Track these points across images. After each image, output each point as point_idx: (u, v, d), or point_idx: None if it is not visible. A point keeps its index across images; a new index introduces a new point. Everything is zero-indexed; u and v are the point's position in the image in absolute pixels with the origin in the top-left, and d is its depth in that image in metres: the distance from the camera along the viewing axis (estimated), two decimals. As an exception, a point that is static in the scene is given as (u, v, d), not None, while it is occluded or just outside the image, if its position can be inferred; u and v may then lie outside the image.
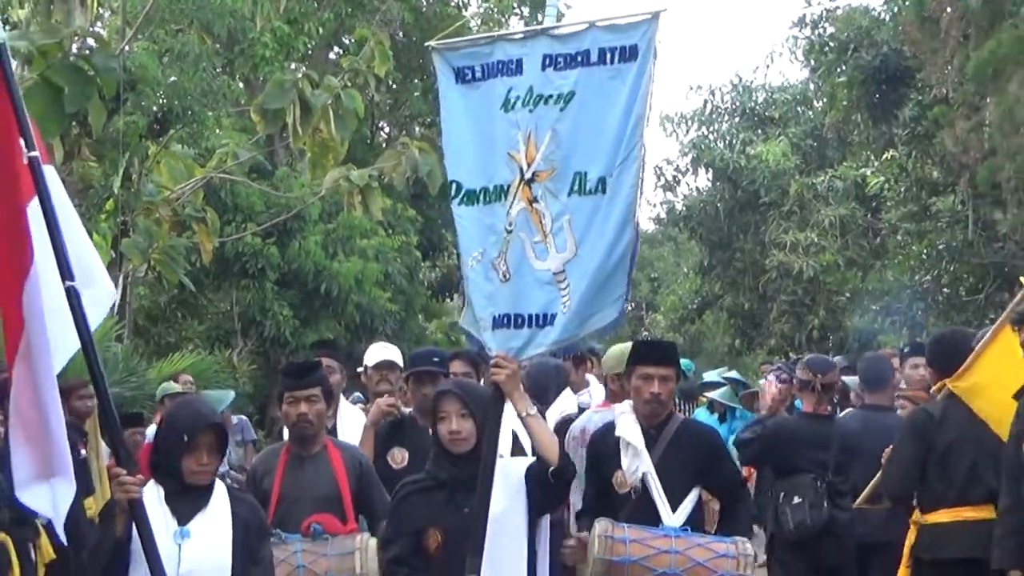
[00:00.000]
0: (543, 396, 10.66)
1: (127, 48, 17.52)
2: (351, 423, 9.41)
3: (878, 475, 9.49)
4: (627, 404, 7.84)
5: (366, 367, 10.30)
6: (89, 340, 6.16)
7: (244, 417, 18.08)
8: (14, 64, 15.03)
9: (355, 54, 20.06)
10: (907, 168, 30.36)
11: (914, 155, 29.67)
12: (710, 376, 18.55)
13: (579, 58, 6.73)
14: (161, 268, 20.61)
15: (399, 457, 8.86)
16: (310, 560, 7.13)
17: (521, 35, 7.31)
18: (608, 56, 6.66)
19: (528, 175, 6.74)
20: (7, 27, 16.31)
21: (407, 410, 9.27)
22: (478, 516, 6.39)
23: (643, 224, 47.32)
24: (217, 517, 6.30)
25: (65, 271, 6.13)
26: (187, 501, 6.27)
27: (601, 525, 7.16)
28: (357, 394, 14.50)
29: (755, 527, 10.97)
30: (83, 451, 11.88)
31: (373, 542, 7.15)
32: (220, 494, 6.38)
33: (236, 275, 24.95)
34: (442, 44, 7.27)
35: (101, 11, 18.48)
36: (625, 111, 6.62)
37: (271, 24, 21.46)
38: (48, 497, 6.46)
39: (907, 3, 28.68)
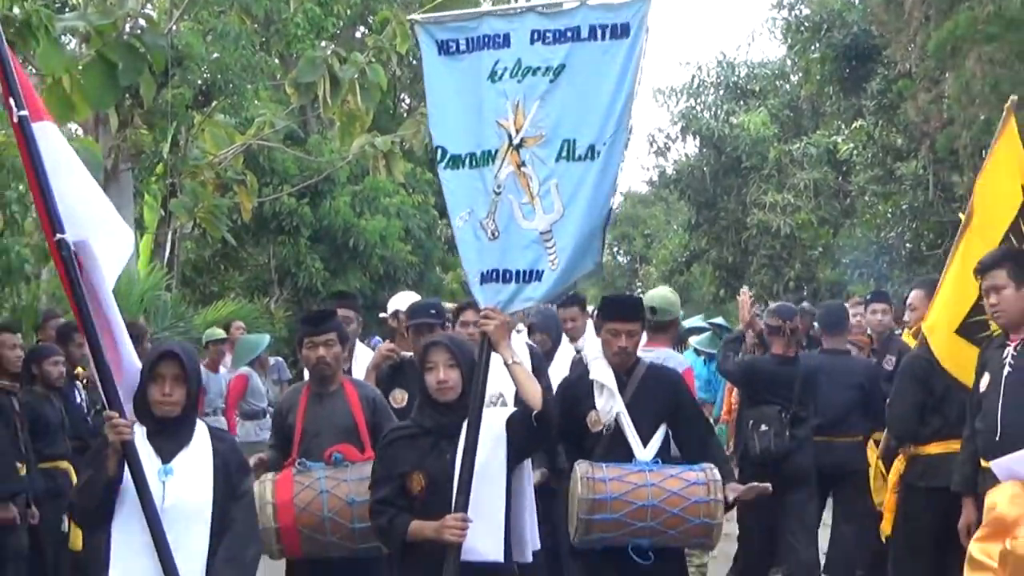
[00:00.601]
0: (558, 340, 10.78)
1: (174, 28, 17.49)
2: (365, 364, 9.41)
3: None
4: (598, 350, 7.78)
5: (396, 312, 10.40)
6: (79, 288, 5.90)
7: (280, 358, 18.14)
8: (73, 42, 15.06)
9: (379, 33, 19.96)
10: (874, 136, 30.33)
11: (880, 124, 29.63)
12: (693, 322, 18.54)
13: (569, 34, 6.41)
14: (206, 225, 20.68)
15: (399, 397, 8.88)
16: (332, 485, 7.18)
17: (509, 11, 6.77)
18: (599, 33, 6.36)
19: (516, 141, 6.45)
20: (67, 9, 16.29)
21: (407, 354, 9.16)
22: (466, 457, 6.13)
23: (637, 186, 47.74)
24: (198, 455, 6.06)
25: (56, 224, 5.86)
26: (169, 439, 6.02)
27: (582, 467, 7.10)
28: (377, 338, 14.54)
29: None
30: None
31: None
32: (201, 434, 6.15)
33: (273, 231, 25.00)
34: (425, 19, 6.87)
35: (151, -6, 18.50)
36: (617, 85, 6.34)
37: (303, 6, 21.38)
38: None
39: (875, -12, 28.56)
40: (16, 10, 11.05)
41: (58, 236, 5.82)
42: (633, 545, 7.06)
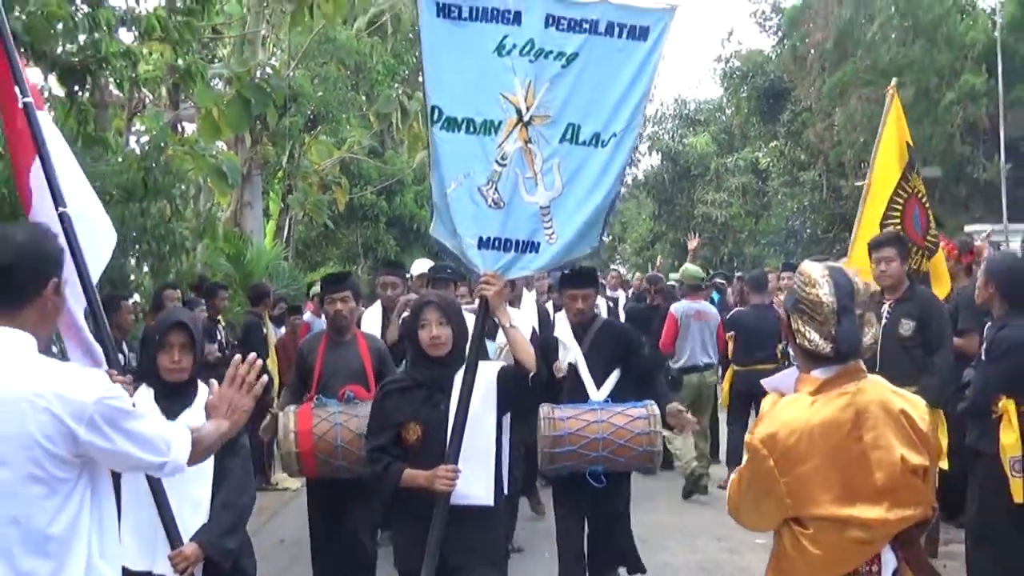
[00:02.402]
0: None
1: (291, 74, 17.45)
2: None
3: None
4: (563, 313, 6.90)
5: (419, 274, 10.26)
6: (81, 259, 4.72)
7: (363, 308, 18.14)
8: (220, 84, 15.07)
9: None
10: (785, 152, 30.31)
11: (789, 144, 29.61)
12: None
13: (585, 25, 5.10)
14: (312, 214, 20.72)
15: None
16: (345, 419, 6.34)
17: None
18: (617, 31, 5.11)
19: (526, 118, 5.12)
20: (216, 60, 16.29)
21: None
22: (460, 410, 4.94)
23: (616, 187, 47.43)
24: (200, 414, 4.57)
25: (58, 198, 4.73)
26: (173, 400, 4.79)
27: (544, 409, 6.20)
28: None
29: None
30: (264, 329, 11.92)
31: None
32: (203, 394, 4.79)
33: (359, 219, 24.98)
34: None
35: (275, 50, 18.45)
36: (630, 84, 5.14)
37: (382, 58, 21.33)
38: None
39: (786, 47, 28.51)
40: (180, 61, 11.01)
41: (60, 210, 4.71)
42: (590, 471, 6.29)
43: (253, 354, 3.60)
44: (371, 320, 8.53)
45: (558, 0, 5.12)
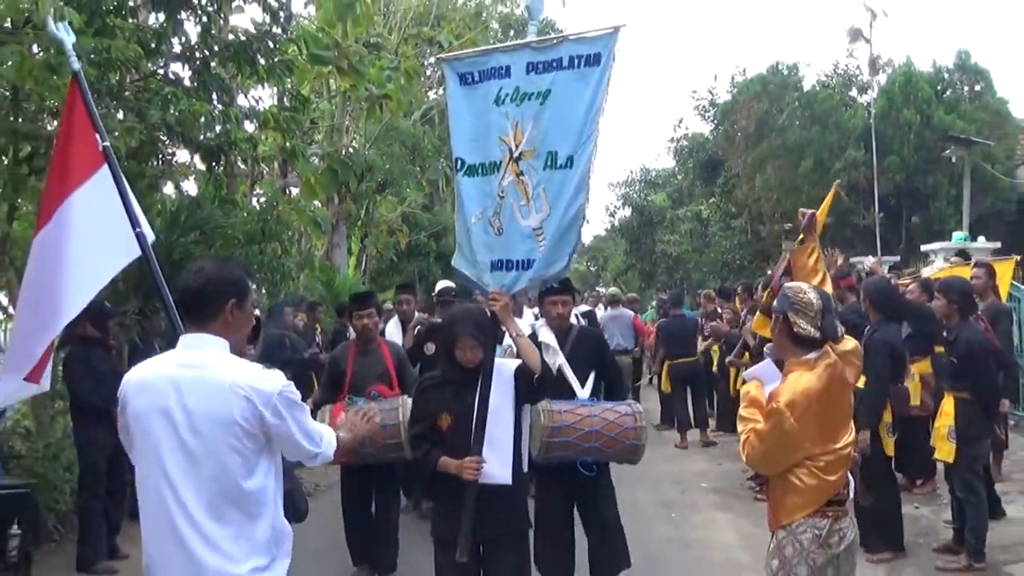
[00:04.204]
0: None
1: (366, 153, 17.52)
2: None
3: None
4: (543, 320, 5.96)
5: (438, 292, 9.49)
6: (153, 268, 3.96)
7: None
8: (316, 160, 15.16)
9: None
10: (720, 206, 30.13)
11: (723, 200, 29.49)
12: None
13: (554, 64, 4.49)
14: (381, 251, 20.75)
15: (430, 348, 7.53)
16: (371, 413, 5.75)
17: (509, 48, 4.81)
18: (577, 62, 4.44)
19: (516, 154, 4.56)
20: (312, 143, 16.36)
21: (438, 320, 8.02)
22: (480, 410, 4.35)
23: (599, 231, 47.22)
24: None
25: (134, 220, 4.06)
26: None
27: (543, 403, 5.28)
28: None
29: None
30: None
31: (409, 400, 5.42)
32: None
33: (416, 255, 24.95)
34: (448, 56, 4.91)
35: (355, 136, 18.48)
36: (589, 104, 4.40)
37: (431, 141, 21.40)
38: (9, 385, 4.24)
39: (720, 131, 28.55)
40: (287, 144, 11.10)
41: (137, 230, 4.07)
42: (581, 461, 5.49)
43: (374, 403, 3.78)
44: (392, 330, 8.30)
45: (535, 49, 4.57)
